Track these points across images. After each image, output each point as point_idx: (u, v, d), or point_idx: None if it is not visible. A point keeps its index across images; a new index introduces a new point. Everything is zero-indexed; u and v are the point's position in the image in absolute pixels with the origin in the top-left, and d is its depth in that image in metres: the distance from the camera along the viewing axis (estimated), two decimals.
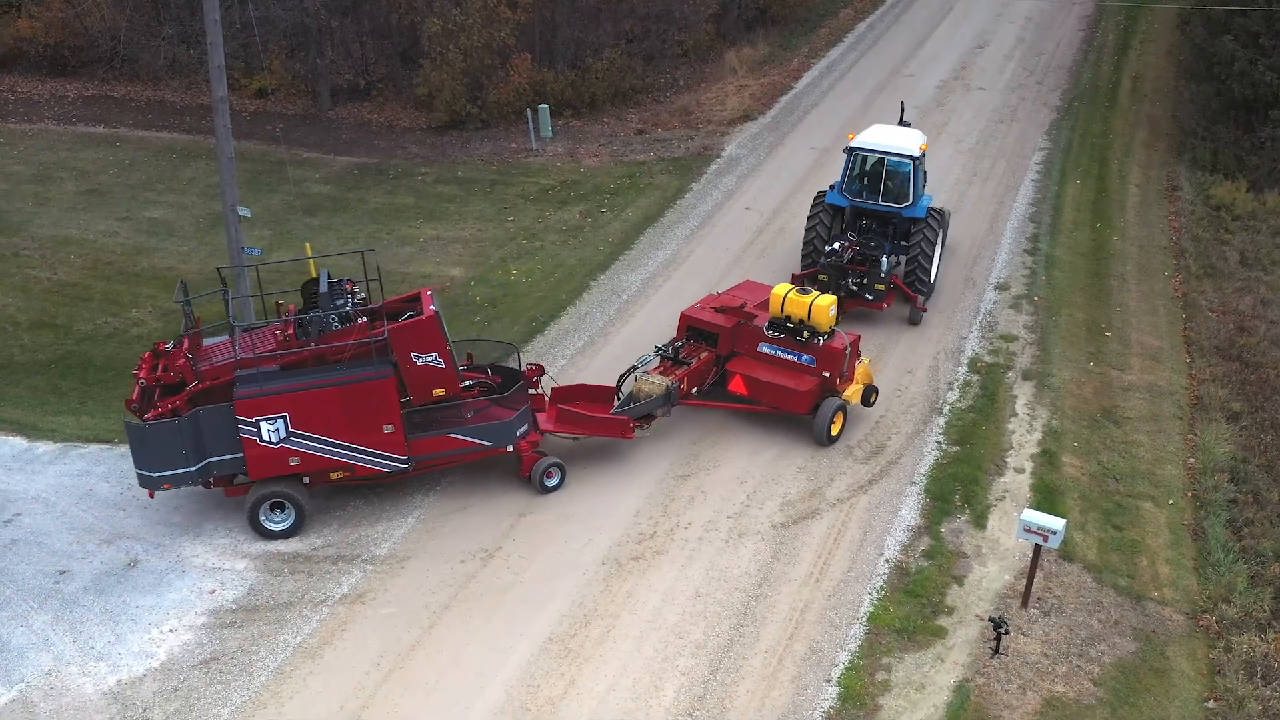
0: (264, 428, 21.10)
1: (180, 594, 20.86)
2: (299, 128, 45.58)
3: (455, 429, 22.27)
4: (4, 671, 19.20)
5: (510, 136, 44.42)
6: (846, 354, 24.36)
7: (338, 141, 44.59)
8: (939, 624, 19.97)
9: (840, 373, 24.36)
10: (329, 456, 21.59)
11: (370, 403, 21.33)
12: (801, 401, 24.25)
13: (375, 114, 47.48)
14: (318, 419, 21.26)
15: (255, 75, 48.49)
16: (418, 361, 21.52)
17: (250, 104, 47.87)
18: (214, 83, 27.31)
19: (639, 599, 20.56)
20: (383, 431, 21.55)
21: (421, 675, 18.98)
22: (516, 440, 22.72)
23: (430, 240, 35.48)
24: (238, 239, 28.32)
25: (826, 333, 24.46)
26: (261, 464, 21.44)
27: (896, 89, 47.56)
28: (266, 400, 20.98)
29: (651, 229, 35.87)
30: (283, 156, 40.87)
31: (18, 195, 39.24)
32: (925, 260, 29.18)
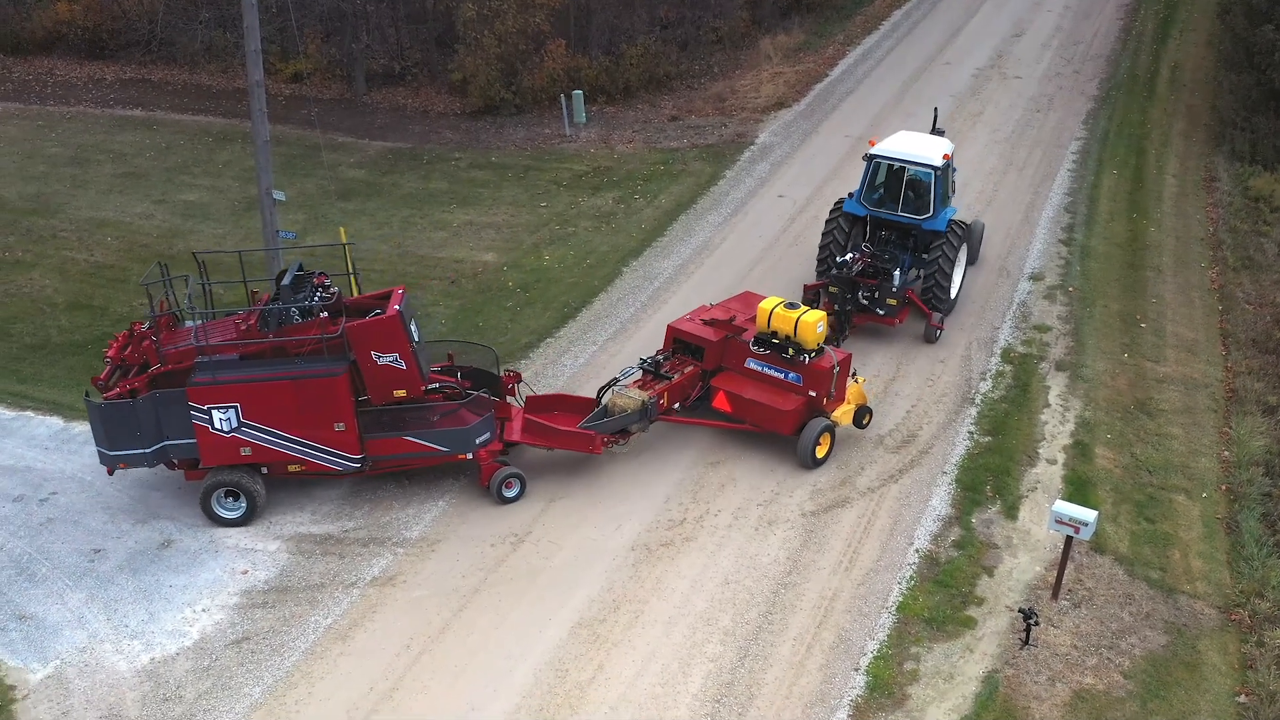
0: (216, 416, 21.12)
1: (213, 574, 21.05)
2: (334, 112, 45.74)
3: (412, 432, 21.93)
4: (40, 648, 19.45)
5: (544, 122, 44.44)
6: (834, 373, 23.28)
7: (372, 126, 44.72)
8: (968, 614, 19.92)
9: (828, 392, 23.32)
10: (279, 449, 21.53)
11: (321, 399, 21.18)
12: (785, 421, 23.26)
13: (410, 99, 47.58)
14: (268, 412, 21.19)
15: (291, 59, 48.73)
16: (378, 361, 21.25)
17: (286, 88, 48.07)
18: (250, 66, 27.46)
19: (668, 585, 20.61)
20: (333, 429, 21.41)
21: (450, 658, 19.10)
22: (476, 448, 22.26)
23: (463, 225, 35.56)
24: (272, 222, 28.50)
25: (814, 350, 23.35)
26: (213, 452, 21.47)
27: (932, 77, 47.33)
28: (219, 389, 21.00)
29: (684, 216, 35.84)
30: (317, 141, 41.02)
31: (56, 178, 39.57)
32: (944, 276, 27.77)
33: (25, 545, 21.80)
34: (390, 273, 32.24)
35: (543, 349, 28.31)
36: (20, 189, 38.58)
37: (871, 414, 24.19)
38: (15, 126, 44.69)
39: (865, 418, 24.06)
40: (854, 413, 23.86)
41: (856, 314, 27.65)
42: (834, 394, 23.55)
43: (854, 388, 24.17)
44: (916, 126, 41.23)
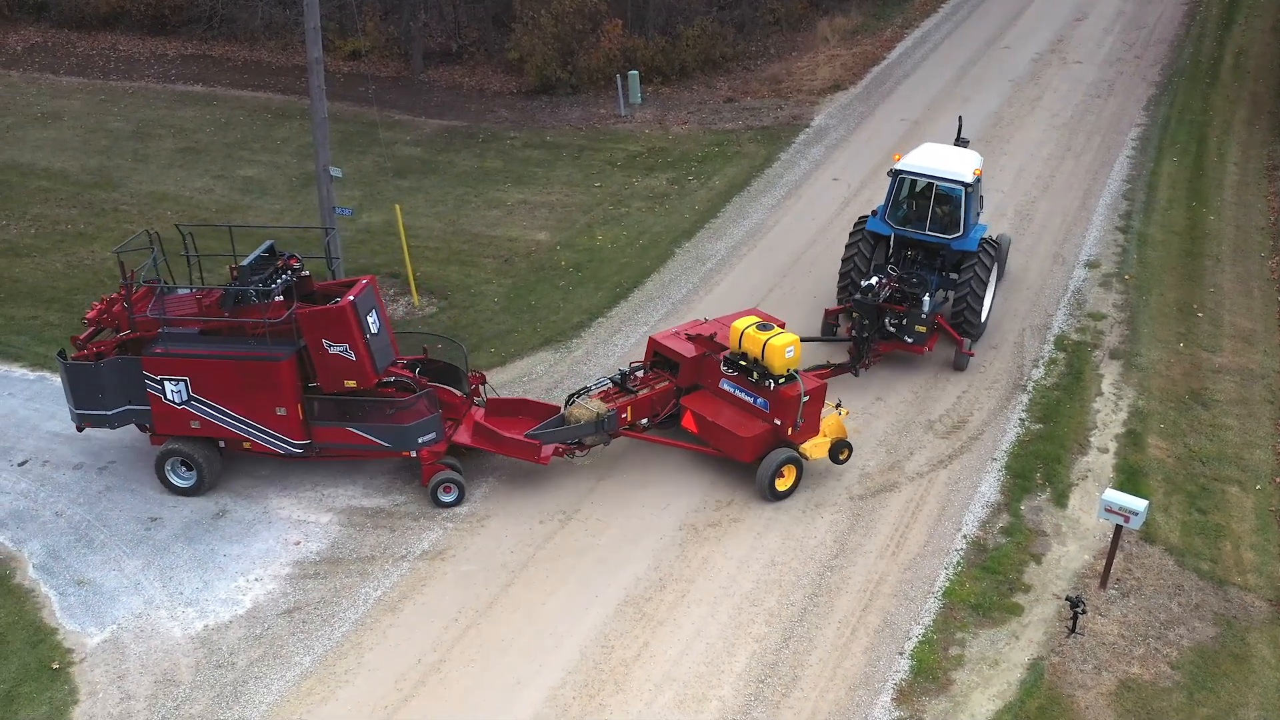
0: (167, 387, 21.49)
1: (266, 544, 21.38)
2: (391, 90, 46.05)
3: (356, 424, 21.94)
4: (97, 613, 19.85)
5: (599, 102, 44.50)
6: (801, 402, 21.82)
7: (428, 104, 44.97)
8: (1015, 601, 19.88)
9: (793, 422, 21.90)
10: (225, 426, 21.77)
11: (263, 382, 21.32)
12: (743, 448, 22.07)
13: (466, 78, 47.79)
14: (214, 388, 21.45)
15: (350, 37, 49.07)
16: (329, 349, 21.26)
17: (344, 66, 48.43)
18: (309, 44, 27.71)
19: (714, 565, 20.70)
20: (275, 412, 21.59)
21: (498, 632, 19.31)
22: (418, 446, 22.04)
23: (517, 204, 35.73)
24: (329, 199, 28.79)
25: (781, 376, 21.97)
26: (165, 421, 21.90)
27: (990, 61, 46.96)
28: (171, 361, 21.38)
29: (738, 198, 35.81)
30: (374, 118, 41.34)
31: (118, 151, 40.12)
32: (975, 300, 25.92)
33: (84, 512, 22.24)
34: (444, 250, 32.48)
35: (594, 328, 28.43)
36: (83, 162, 39.16)
37: (851, 450, 22.66)
38: (79, 101, 45.35)
39: (843, 453, 22.54)
40: (829, 446, 22.38)
41: (882, 342, 25.94)
42: (801, 424, 22.11)
43: (833, 420, 22.80)
44: (974, 112, 41.11)
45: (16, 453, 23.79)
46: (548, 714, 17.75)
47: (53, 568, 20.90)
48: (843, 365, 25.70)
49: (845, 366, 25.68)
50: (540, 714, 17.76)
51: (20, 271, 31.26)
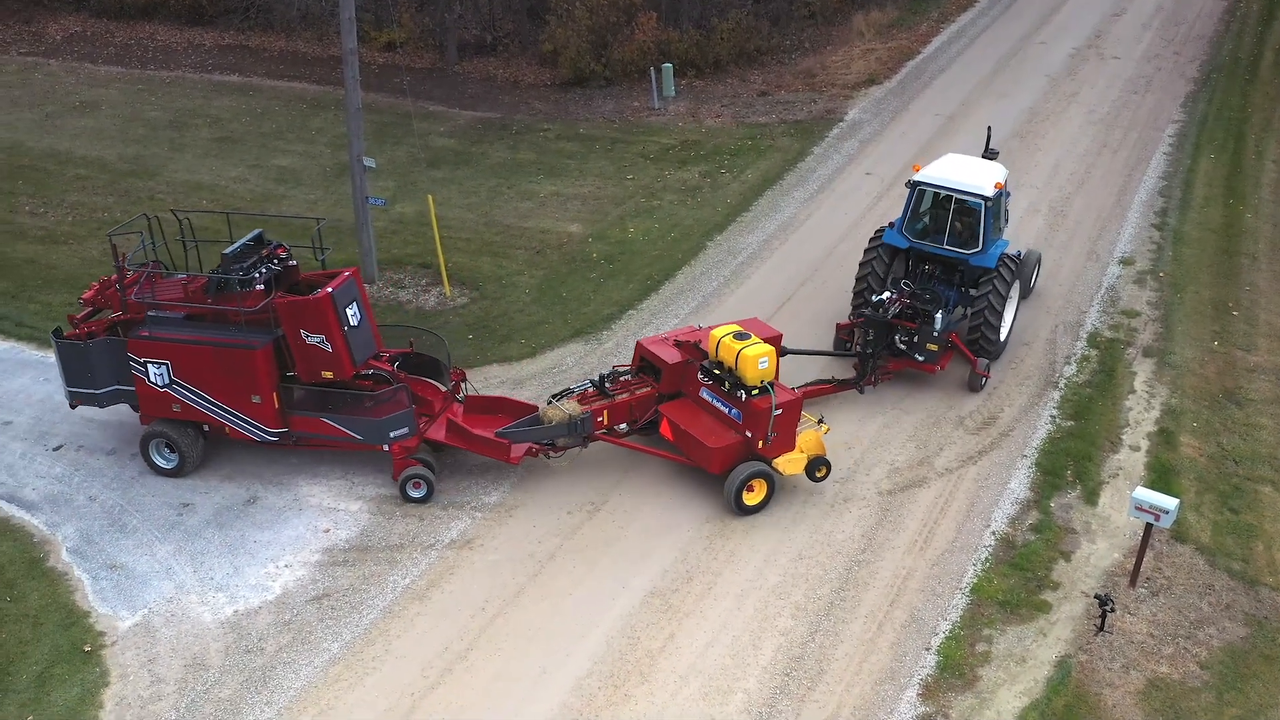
0: (151, 370, 21.82)
1: (296, 531, 21.53)
2: (425, 81, 46.20)
3: (330, 415, 21.98)
4: (129, 597, 20.05)
5: (633, 95, 44.51)
6: (772, 415, 21.16)
7: (463, 96, 45.09)
8: (1043, 598, 19.79)
9: (764, 435, 21.28)
10: (204, 411, 22.00)
11: (239, 370, 21.50)
12: (711, 459, 21.50)
13: (500, 70, 47.88)
14: (194, 374, 21.69)
15: (385, 29, 49.26)
16: (306, 340, 21.38)
17: (379, 57, 48.63)
18: (344, 35, 27.85)
19: (741, 558, 20.71)
20: (251, 400, 21.75)
21: (525, 621, 19.38)
22: (390, 440, 21.96)
23: (550, 196, 35.79)
24: (362, 189, 28.94)
25: (755, 388, 21.30)
26: (149, 403, 22.28)
27: (1027, 56, 46.71)
28: (154, 345, 21.71)
29: (770, 191, 35.77)
30: (409, 109, 41.49)
31: (155, 140, 40.42)
32: (993, 317, 24.99)
33: (117, 497, 22.46)
34: (476, 241, 32.59)
35: (625, 320, 28.47)
36: (120, 151, 39.48)
37: (829, 468, 21.95)
38: (117, 90, 45.70)
39: (820, 470, 21.85)
40: (806, 463, 21.76)
41: (893, 359, 25.15)
42: (774, 437, 21.47)
43: (811, 435, 22.02)
44: (1009, 108, 40.95)
45: (52, 438, 24.05)
46: (573, 703, 17.82)
47: (86, 551, 21.12)
48: (847, 381, 25.00)
49: (849, 383, 24.97)
50: (565, 703, 17.82)
51: (57, 259, 31.55)
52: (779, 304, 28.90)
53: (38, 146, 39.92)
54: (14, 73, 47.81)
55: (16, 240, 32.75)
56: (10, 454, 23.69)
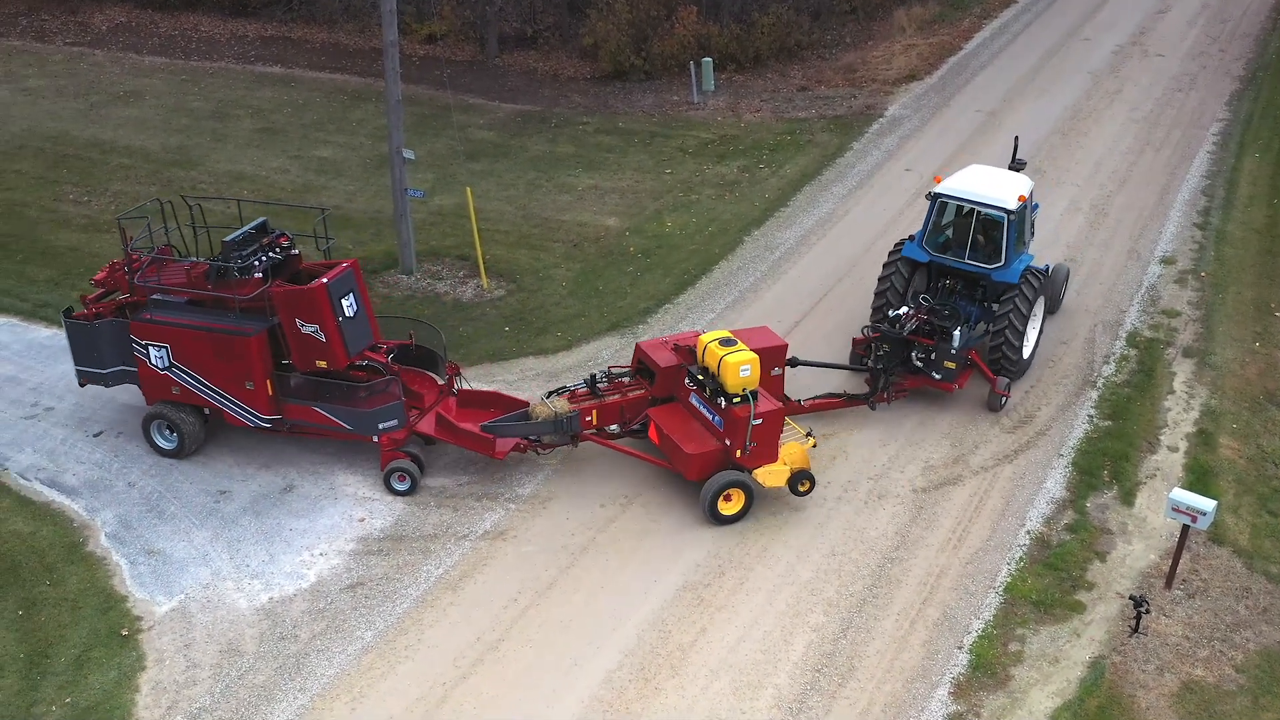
0: (151, 352, 22.25)
1: (331, 520, 21.69)
2: (466, 74, 46.33)
3: (322, 404, 22.14)
4: (166, 582, 20.26)
5: (672, 89, 44.48)
6: (750, 424, 20.75)
7: (502, 89, 45.20)
8: (1077, 599, 19.67)
9: (742, 445, 20.85)
10: (202, 395, 22.40)
11: (233, 356, 21.81)
12: (689, 465, 21.21)
13: (540, 63, 47.96)
14: (192, 358, 22.08)
15: (426, 21, 49.48)
16: (301, 329, 21.60)
17: (420, 49, 48.83)
18: (385, 27, 28.00)
19: (774, 554, 20.70)
20: (244, 386, 22.06)
21: (557, 612, 19.45)
22: (379, 432, 22.12)
23: (588, 189, 35.84)
24: (401, 180, 29.09)
25: (736, 395, 20.86)
26: (150, 385, 22.73)
27: (1070, 53, 46.37)
28: (155, 328, 22.12)
29: (809, 186, 35.68)
30: (448, 102, 41.61)
31: (197, 131, 40.75)
32: (1014, 335, 24.25)
33: (156, 484, 22.68)
34: (514, 234, 32.68)
35: (661, 314, 28.49)
36: (164, 141, 39.82)
37: (813, 482, 21.55)
38: (161, 80, 46.09)
39: (804, 484, 21.46)
40: (789, 476, 21.38)
41: (909, 376, 24.40)
42: (753, 447, 21.01)
43: (795, 449, 21.55)
44: (1051, 105, 40.69)
45: (93, 424, 24.31)
46: (604, 696, 17.87)
47: (124, 537, 21.35)
48: (858, 396, 24.27)
49: (860, 398, 24.25)
50: (596, 696, 17.88)
51: (99, 247, 31.85)
52: (816, 299, 28.84)
53: (82, 136, 40.33)
54: (60, 63, 48.32)
55: (60, 228, 33.11)
56: (51, 439, 23.98)
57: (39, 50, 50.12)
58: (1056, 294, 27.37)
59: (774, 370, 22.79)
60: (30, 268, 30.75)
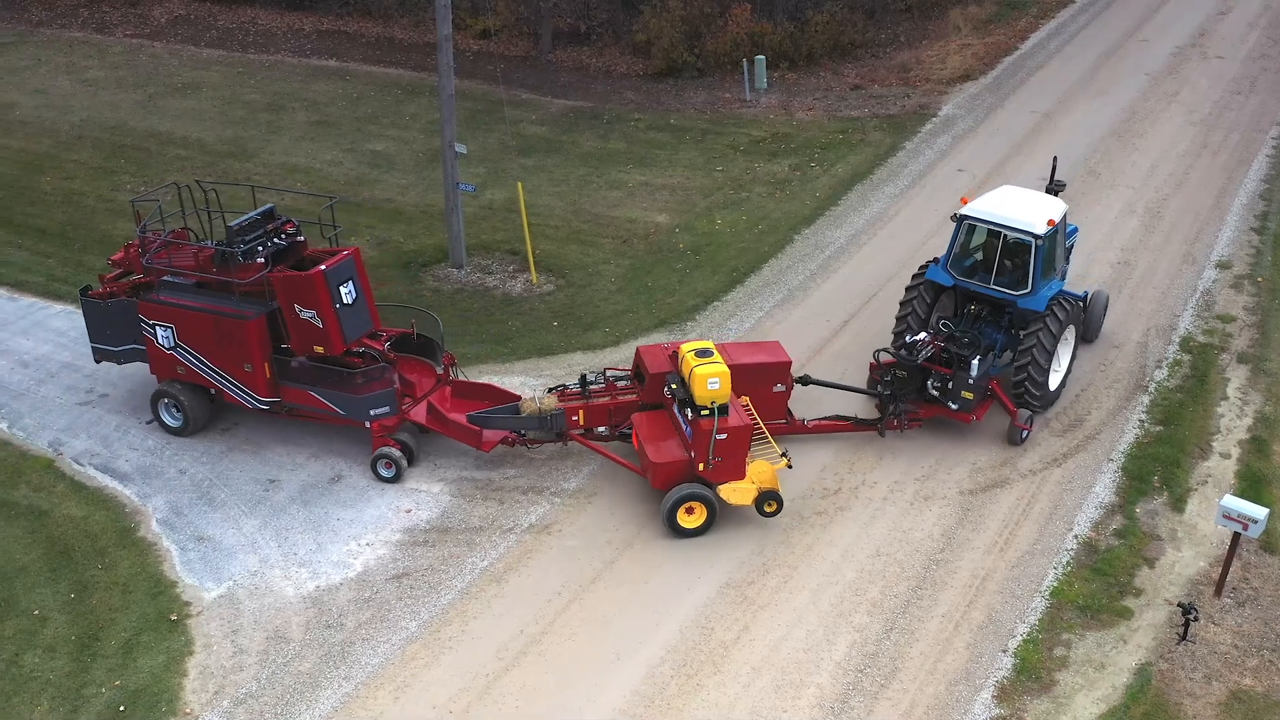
0: (159, 332, 22.93)
1: (379, 511, 21.85)
2: (519, 69, 46.50)
3: (318, 389, 22.51)
4: (215, 569, 20.51)
5: (725, 86, 44.44)
6: (714, 438, 20.28)
7: (555, 85, 45.32)
8: (1125, 605, 19.49)
9: (706, 459, 20.42)
10: (204, 375, 23.03)
11: (233, 339, 22.33)
12: (655, 474, 20.90)
13: (593, 59, 48.06)
14: (195, 339, 22.68)
15: (481, 16, 49.69)
16: (299, 314, 21.96)
17: (474, 44, 49.07)
18: (440, 21, 28.15)
19: (818, 553, 20.65)
20: (243, 369, 22.56)
21: (600, 607, 19.50)
22: (370, 418, 22.44)
23: (638, 186, 35.88)
24: (453, 174, 29.24)
25: (704, 408, 20.39)
26: (157, 364, 23.44)
27: (1127, 54, 45.88)
28: (161, 309, 22.76)
29: (860, 186, 35.54)
30: (501, 97, 41.79)
31: (253, 123, 41.16)
32: (1038, 366, 23.12)
33: (207, 471, 22.96)
34: (564, 229, 32.79)
35: (709, 312, 28.48)
36: (219, 133, 40.25)
37: (779, 504, 20.94)
38: (218, 73, 46.58)
39: (770, 505, 20.89)
40: (755, 495, 20.79)
41: (925, 405, 23.40)
42: (717, 462, 20.52)
43: (765, 468, 20.91)
44: (1107, 106, 40.31)
45: (145, 411, 24.59)
46: (645, 691, 17.90)
47: (175, 523, 21.63)
48: (867, 421, 23.41)
49: (870, 423, 23.39)
50: (638, 691, 17.91)
51: None
52: (865, 299, 28.73)
53: (140, 127, 40.85)
54: (120, 54, 48.96)
55: (117, 218, 33.55)
56: (106, 426, 24.34)
57: (99, 41, 50.82)
58: (1095, 322, 26.25)
59: (776, 387, 22.57)
60: (87, 256, 31.17)
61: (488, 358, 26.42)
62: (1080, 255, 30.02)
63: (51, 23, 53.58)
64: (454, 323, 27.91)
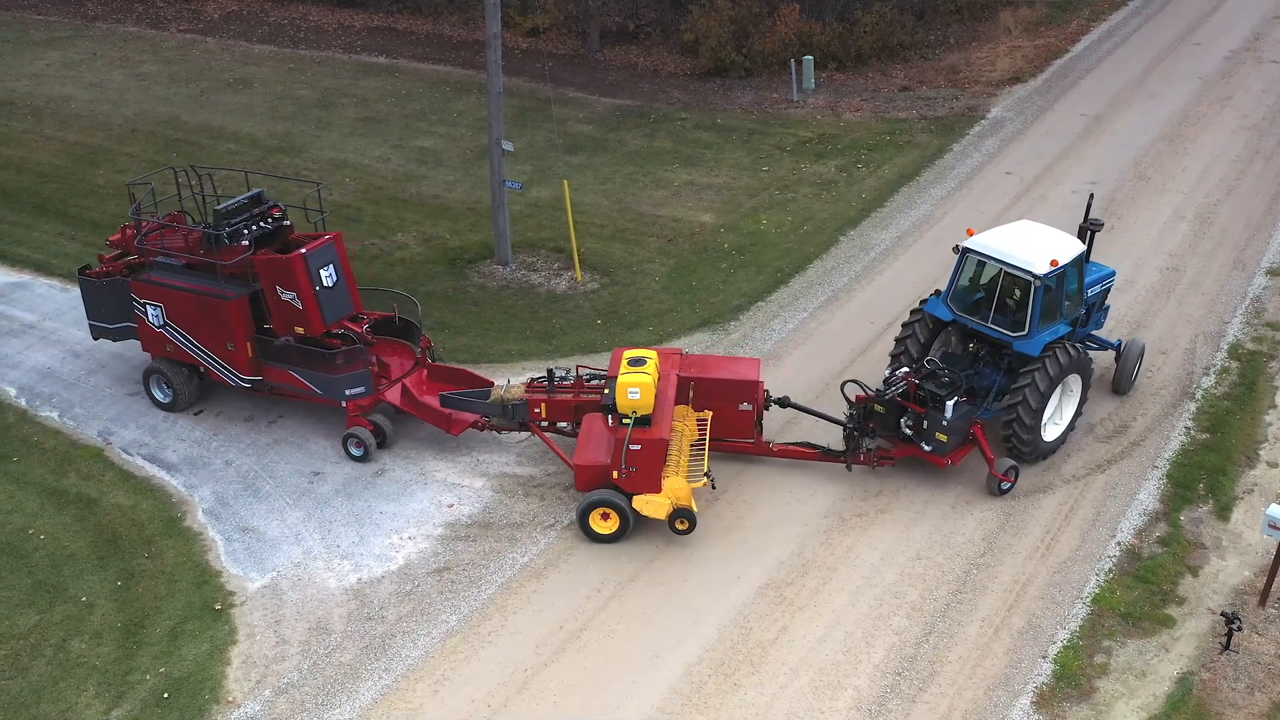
0: (149, 311, 23.84)
1: (421, 505, 22.02)
2: (566, 68, 46.63)
3: (296, 368, 23.18)
4: (259, 559, 20.75)
5: (772, 86, 44.38)
6: (625, 448, 20.11)
7: (602, 83, 45.42)
8: (1167, 613, 19.33)
9: (618, 466, 20.30)
10: (191, 353, 23.86)
11: (216, 318, 23.15)
12: (576, 476, 20.93)
13: (641, 58, 48.13)
14: (182, 317, 23.54)
15: (529, 14, 49.87)
16: (281, 296, 22.71)
17: (522, 42, 49.25)
18: (489, 19, 28.32)
19: (858, 555, 20.62)
20: (226, 347, 23.31)
21: (639, 605, 19.56)
22: (346, 397, 23.06)
23: (684, 185, 35.91)
24: (499, 172, 29.38)
25: (626, 416, 20.31)
26: (148, 341, 24.34)
27: (1180, 58, 45.42)
28: (151, 288, 23.65)
29: (907, 187, 35.41)
30: (548, 95, 41.94)
31: (303, 118, 41.52)
32: (1027, 414, 21.68)
33: (252, 463, 23.22)
34: (609, 228, 32.87)
35: (753, 312, 28.47)
36: (270, 128, 40.63)
37: (691, 523, 20.58)
38: (269, 68, 47.03)
39: (681, 523, 20.58)
40: (669, 510, 20.43)
41: (900, 445, 22.25)
42: (631, 472, 20.32)
43: (681, 485, 20.46)
44: (1159, 109, 39.98)
45: (193, 403, 24.91)
46: (682, 689, 17.94)
47: (221, 513, 21.90)
48: (833, 452, 22.47)
49: (835, 454, 22.44)
50: (675, 688, 17.96)
51: None
52: (909, 302, 28.52)
53: (192, 121, 41.30)
54: (173, 49, 49.53)
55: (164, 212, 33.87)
56: (154, 416, 24.66)
57: (153, 36, 51.43)
58: (1127, 374, 24.59)
59: (743, 405, 22.29)
60: None
61: (531, 355, 26.54)
62: (1128, 261, 29.83)
63: (107, 17, 54.29)
64: (498, 320, 28.11)
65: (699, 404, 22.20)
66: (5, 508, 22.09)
